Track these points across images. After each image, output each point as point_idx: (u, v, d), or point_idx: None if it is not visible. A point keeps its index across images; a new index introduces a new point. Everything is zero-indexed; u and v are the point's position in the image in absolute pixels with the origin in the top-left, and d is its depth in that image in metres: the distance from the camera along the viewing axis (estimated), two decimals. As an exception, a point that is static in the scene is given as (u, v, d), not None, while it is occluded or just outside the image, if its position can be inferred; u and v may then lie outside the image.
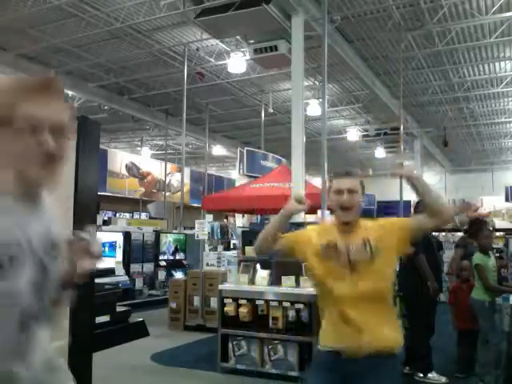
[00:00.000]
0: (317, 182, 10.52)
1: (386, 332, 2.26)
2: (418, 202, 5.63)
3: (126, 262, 9.84)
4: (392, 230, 2.33)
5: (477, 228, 5.29)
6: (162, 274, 10.83)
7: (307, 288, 4.78)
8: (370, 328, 2.22)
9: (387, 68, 12.08)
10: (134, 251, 10.29)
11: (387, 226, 2.37)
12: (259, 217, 12.17)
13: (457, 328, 5.45)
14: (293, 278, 5.08)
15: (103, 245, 9.46)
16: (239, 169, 11.07)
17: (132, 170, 18.08)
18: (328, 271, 2.32)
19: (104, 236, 9.44)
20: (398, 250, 2.38)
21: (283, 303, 4.97)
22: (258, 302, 5.13)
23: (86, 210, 2.56)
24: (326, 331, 2.36)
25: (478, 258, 4.89)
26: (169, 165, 19.04)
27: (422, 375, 5.07)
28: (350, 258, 2.28)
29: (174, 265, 11.14)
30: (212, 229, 9.31)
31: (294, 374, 4.89)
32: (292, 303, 4.90)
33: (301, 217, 7.16)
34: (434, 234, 6.16)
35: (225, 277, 5.96)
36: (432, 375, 5.04)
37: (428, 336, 5.12)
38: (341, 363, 2.23)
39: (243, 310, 5.17)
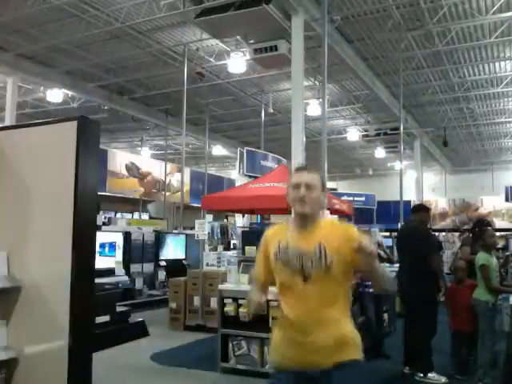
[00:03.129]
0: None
1: (341, 348, 2.20)
2: (417, 205, 5.64)
3: (126, 262, 9.82)
4: (349, 243, 2.13)
5: (481, 227, 5.28)
6: (161, 274, 10.82)
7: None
8: (325, 344, 2.18)
9: (387, 68, 12.08)
10: (133, 251, 10.27)
11: (347, 235, 2.21)
12: (259, 217, 12.17)
13: (451, 329, 5.41)
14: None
15: (103, 245, 9.45)
16: (239, 169, 11.05)
17: (132, 170, 18.04)
18: (282, 279, 2.27)
19: (104, 236, 9.43)
20: (350, 265, 2.21)
21: (283, 303, 4.96)
22: (258, 302, 5.12)
23: (87, 211, 2.54)
24: (276, 345, 2.34)
25: (483, 258, 4.85)
26: (169, 165, 19.02)
27: (422, 375, 5.07)
28: (303, 265, 2.21)
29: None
30: (212, 229, 9.30)
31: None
32: (292, 303, 4.88)
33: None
34: (434, 233, 6.21)
35: (225, 277, 5.95)
36: (432, 375, 5.04)
37: (429, 336, 5.11)
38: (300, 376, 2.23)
39: (243, 310, 5.17)
